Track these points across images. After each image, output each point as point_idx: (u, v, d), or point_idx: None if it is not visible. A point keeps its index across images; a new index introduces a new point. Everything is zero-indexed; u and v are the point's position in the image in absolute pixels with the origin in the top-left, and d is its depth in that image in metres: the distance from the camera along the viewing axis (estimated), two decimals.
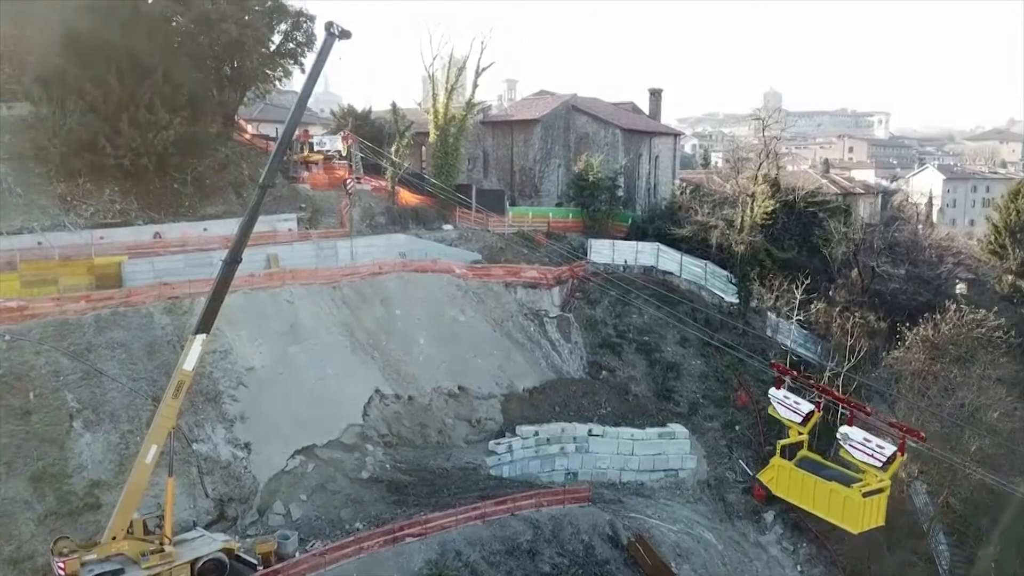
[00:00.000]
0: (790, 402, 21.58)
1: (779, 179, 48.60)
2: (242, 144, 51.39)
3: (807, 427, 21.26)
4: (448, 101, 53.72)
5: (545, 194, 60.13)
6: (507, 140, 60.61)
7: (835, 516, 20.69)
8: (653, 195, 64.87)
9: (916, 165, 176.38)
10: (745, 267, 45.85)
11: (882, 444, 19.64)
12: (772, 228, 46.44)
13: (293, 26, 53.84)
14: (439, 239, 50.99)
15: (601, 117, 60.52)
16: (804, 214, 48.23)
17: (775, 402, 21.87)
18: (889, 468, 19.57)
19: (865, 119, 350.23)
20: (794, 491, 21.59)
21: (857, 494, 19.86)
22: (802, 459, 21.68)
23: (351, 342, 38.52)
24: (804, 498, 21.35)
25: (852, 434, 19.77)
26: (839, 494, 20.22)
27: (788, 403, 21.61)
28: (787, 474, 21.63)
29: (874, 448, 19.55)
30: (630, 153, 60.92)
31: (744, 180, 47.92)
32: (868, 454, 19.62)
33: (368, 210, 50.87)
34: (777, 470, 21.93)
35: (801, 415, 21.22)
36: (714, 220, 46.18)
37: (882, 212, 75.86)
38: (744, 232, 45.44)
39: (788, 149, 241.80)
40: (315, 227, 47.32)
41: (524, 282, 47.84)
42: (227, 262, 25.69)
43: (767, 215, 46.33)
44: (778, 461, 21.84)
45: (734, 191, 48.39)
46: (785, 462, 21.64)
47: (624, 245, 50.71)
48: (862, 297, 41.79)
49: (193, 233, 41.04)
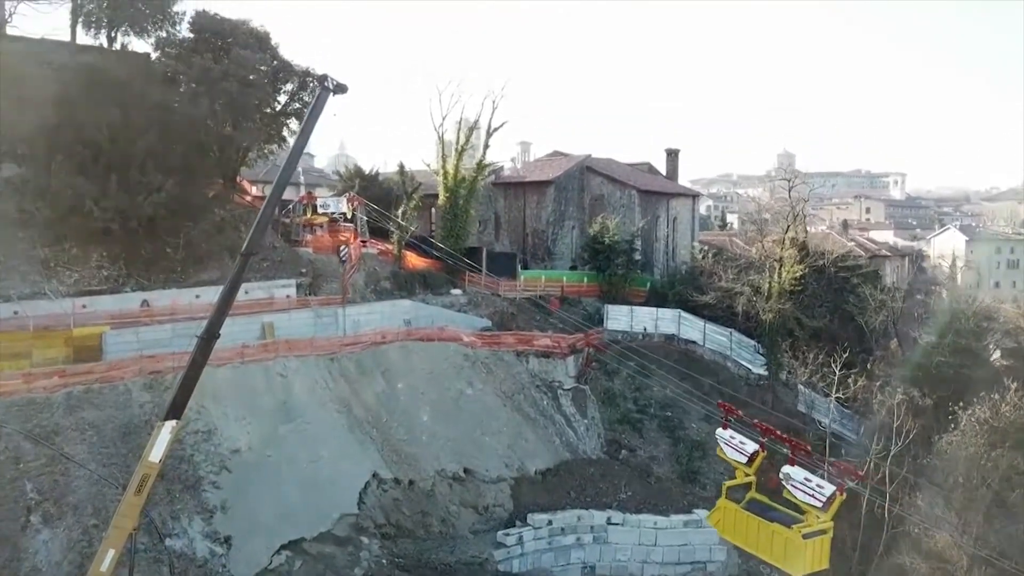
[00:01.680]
0: (735, 442, 21.62)
1: (807, 242, 45.74)
2: (243, 206, 49.35)
3: (753, 467, 21.22)
4: (458, 162, 51.78)
5: (558, 257, 57.59)
6: (519, 202, 58.45)
7: (778, 559, 20.55)
8: (672, 258, 62.23)
9: (937, 226, 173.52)
10: (774, 337, 42.70)
11: (822, 484, 19.62)
12: (801, 294, 43.45)
13: (299, 86, 52.43)
14: (447, 304, 48.34)
15: (616, 178, 58.36)
16: (835, 279, 45.26)
17: (721, 443, 21.96)
18: (830, 508, 19.24)
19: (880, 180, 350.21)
20: (739, 534, 21.54)
21: (797, 536, 19.55)
22: (751, 501, 21.61)
23: (348, 420, 35.45)
24: (749, 541, 21.24)
25: (794, 474, 19.83)
26: (781, 536, 20.13)
27: (734, 443, 21.66)
28: (732, 516, 21.58)
29: (814, 488, 19.58)
30: (647, 215, 58.50)
31: (770, 244, 45.15)
32: (809, 494, 19.64)
33: (373, 274, 48.39)
34: (723, 512, 21.82)
35: (746, 455, 21.28)
36: (739, 286, 43.27)
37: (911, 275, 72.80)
38: (772, 299, 42.46)
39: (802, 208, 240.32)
40: (316, 293, 44.78)
41: (537, 351, 44.92)
42: (203, 338, 23.01)
43: (796, 281, 43.40)
44: (724, 503, 21.72)
45: (759, 255, 45.59)
46: (731, 504, 21.52)
47: (643, 311, 47.77)
48: (903, 370, 38.55)
49: (183, 301, 38.52)
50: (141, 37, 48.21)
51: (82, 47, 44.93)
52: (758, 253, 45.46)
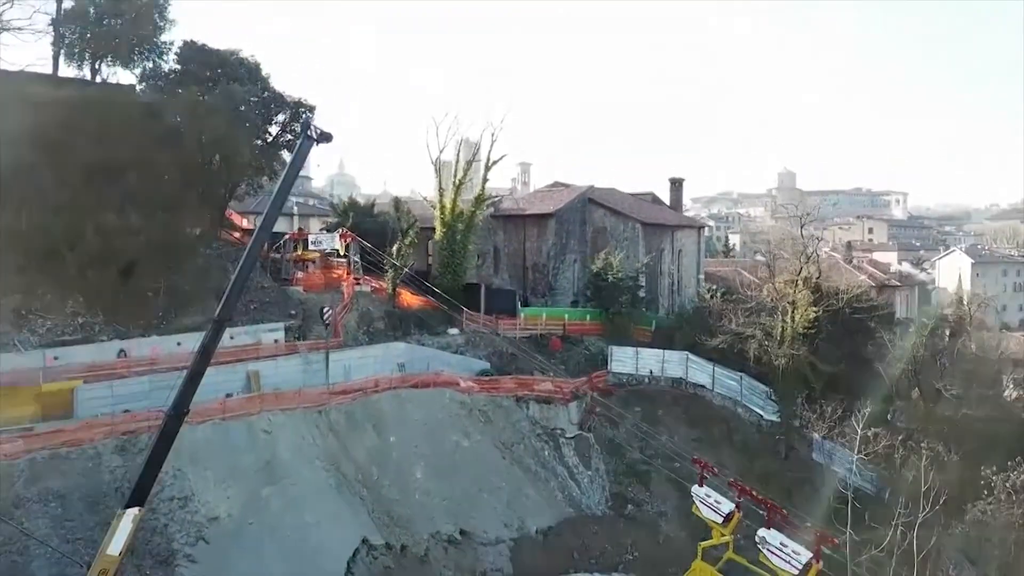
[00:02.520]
0: (711, 500, 21.20)
1: (820, 282, 43.66)
2: (231, 243, 47.43)
3: (729, 528, 20.76)
4: (456, 196, 49.85)
5: (560, 291, 55.51)
6: (519, 235, 56.45)
7: None
8: (678, 292, 60.21)
9: (942, 248, 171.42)
10: (787, 383, 40.54)
11: (798, 550, 19.23)
12: (815, 338, 41.31)
13: (291, 116, 50.76)
14: (443, 345, 46.25)
15: (619, 210, 56.40)
16: (850, 320, 43.11)
17: (697, 500, 21.50)
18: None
19: (881, 198, 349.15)
20: None
21: None
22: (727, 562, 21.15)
23: (337, 479, 33.20)
24: None
25: (770, 538, 19.41)
26: None
27: (709, 502, 21.25)
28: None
29: (790, 554, 19.23)
30: (651, 248, 56.47)
31: (782, 284, 43.07)
32: (785, 559, 19.26)
33: (366, 315, 46.34)
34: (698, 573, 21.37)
35: (722, 515, 20.91)
36: (750, 330, 41.17)
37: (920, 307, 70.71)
38: (785, 344, 40.34)
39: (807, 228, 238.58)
40: (306, 336, 42.69)
41: (537, 395, 42.79)
42: (170, 415, 20.90)
43: (809, 323, 41.30)
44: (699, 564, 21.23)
45: (770, 296, 43.52)
46: (706, 565, 21.12)
47: (649, 353, 45.62)
48: (927, 423, 36.34)
49: (164, 349, 36.37)
50: (127, 68, 46.67)
51: (63, 80, 43.17)
52: (769, 294, 43.40)
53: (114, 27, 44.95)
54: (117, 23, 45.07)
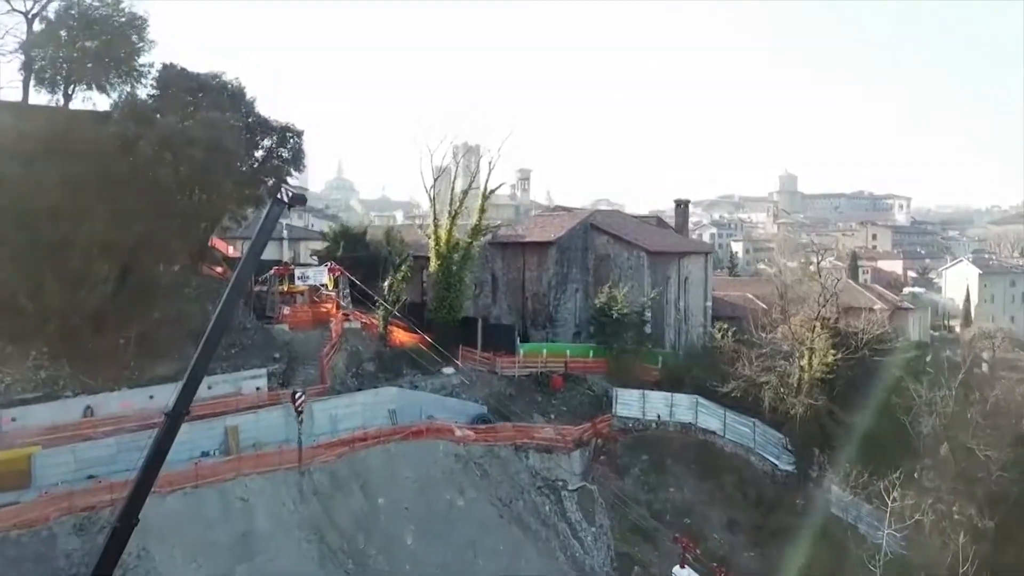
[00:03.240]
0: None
1: (839, 323, 40.99)
2: (214, 278, 44.81)
3: None
4: (452, 226, 47.19)
5: (561, 323, 52.84)
6: (518, 263, 53.77)
7: None
8: (684, 320, 57.56)
9: (948, 257, 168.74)
10: (805, 432, 37.91)
11: None
12: (834, 384, 38.70)
13: (278, 141, 48.24)
14: (438, 387, 43.60)
15: (624, 237, 53.74)
16: (870, 364, 40.44)
17: None
18: None
19: (883, 202, 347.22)
20: None
21: None
22: None
23: (319, 550, 30.59)
24: None
25: None
26: None
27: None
28: None
29: None
30: (657, 277, 53.83)
31: (798, 326, 40.40)
32: None
33: (355, 355, 43.70)
34: None
35: None
36: (765, 376, 38.52)
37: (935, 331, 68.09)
38: (802, 393, 37.71)
39: (809, 236, 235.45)
40: (291, 380, 40.06)
41: (538, 444, 40.19)
42: (116, 526, 18.27)
43: (828, 368, 38.68)
44: None
45: (786, 338, 40.87)
46: None
47: (656, 396, 42.96)
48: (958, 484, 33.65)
49: (136, 403, 33.81)
50: (103, 93, 43.98)
51: (31, 108, 40.50)
52: (784, 336, 40.75)
53: (88, 50, 42.34)
54: (91, 45, 42.46)
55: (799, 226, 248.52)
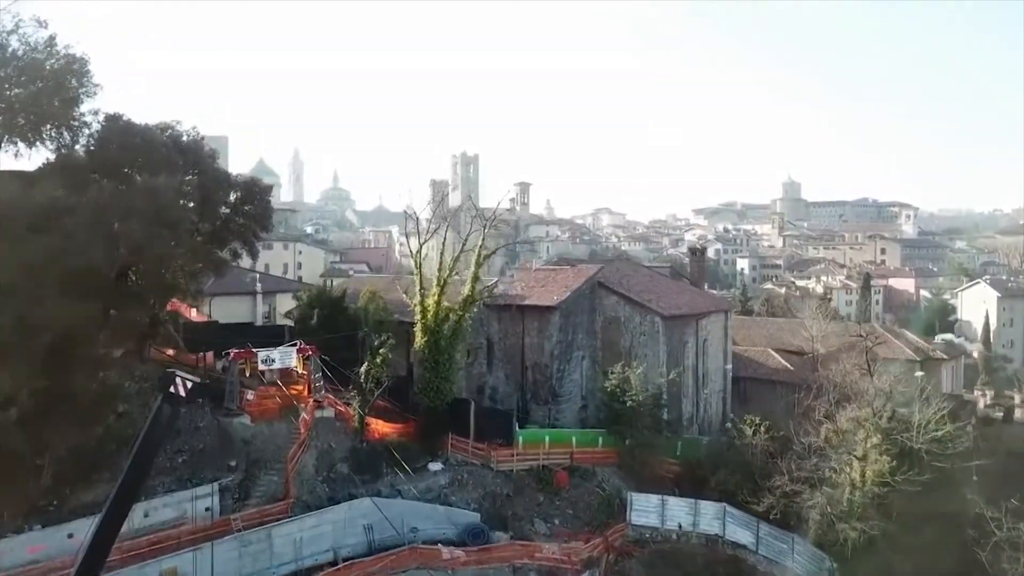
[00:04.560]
0: None
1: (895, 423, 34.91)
2: (163, 362, 38.83)
3: None
4: (440, 296, 41.18)
5: (565, 397, 46.83)
6: (517, 328, 47.76)
7: None
8: (702, 386, 51.64)
9: (964, 279, 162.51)
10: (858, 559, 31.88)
11: None
12: (892, 502, 32.74)
13: (244, 197, 42.42)
14: (423, 490, 37.71)
15: (636, 299, 47.74)
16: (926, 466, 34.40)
17: None
18: None
19: (888, 209, 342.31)
20: None
21: None
22: None
23: None
24: None
25: None
26: None
27: None
28: None
29: None
30: (673, 342, 47.94)
31: (846, 423, 34.38)
32: None
33: (327, 454, 37.67)
34: None
35: None
36: (807, 495, 32.48)
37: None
38: (854, 517, 31.75)
39: (817, 249, 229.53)
40: (250, 493, 34.11)
41: (540, 565, 34.25)
42: None
43: (883, 479, 32.70)
44: None
45: (830, 436, 34.90)
46: None
47: (677, 503, 37.02)
48: None
49: (51, 544, 27.78)
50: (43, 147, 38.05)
51: None
52: (828, 436, 34.81)
53: (16, 98, 36.43)
54: (20, 93, 36.55)
55: (805, 238, 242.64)
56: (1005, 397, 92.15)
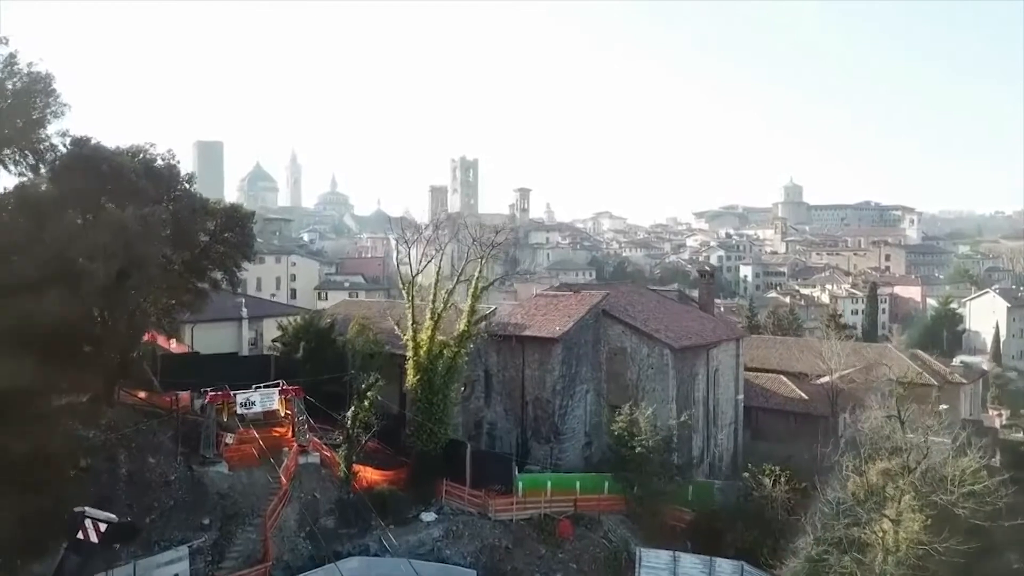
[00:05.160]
0: None
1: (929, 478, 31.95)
2: (135, 407, 36.00)
3: None
4: (434, 331, 38.33)
5: (568, 434, 43.95)
6: (517, 359, 44.86)
7: None
8: (713, 421, 48.80)
9: (974, 289, 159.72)
10: None
11: None
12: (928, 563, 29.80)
13: (224, 224, 39.65)
14: (415, 544, 34.88)
15: (643, 329, 44.88)
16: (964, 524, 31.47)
17: None
18: None
19: (890, 213, 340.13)
20: None
21: None
22: None
23: None
24: None
25: None
26: None
27: None
28: None
29: None
30: (683, 375, 45.09)
31: (876, 478, 31.43)
32: None
33: (311, 506, 34.75)
34: None
35: None
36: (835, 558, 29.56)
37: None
38: None
39: (820, 255, 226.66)
40: (225, 553, 31.19)
41: None
42: None
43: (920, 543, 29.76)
44: None
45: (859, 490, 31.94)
46: None
47: (691, 561, 34.06)
48: None
49: None
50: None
51: None
52: (856, 489, 31.90)
53: None
54: None
55: (808, 244, 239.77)
56: (1021, 417, 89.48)
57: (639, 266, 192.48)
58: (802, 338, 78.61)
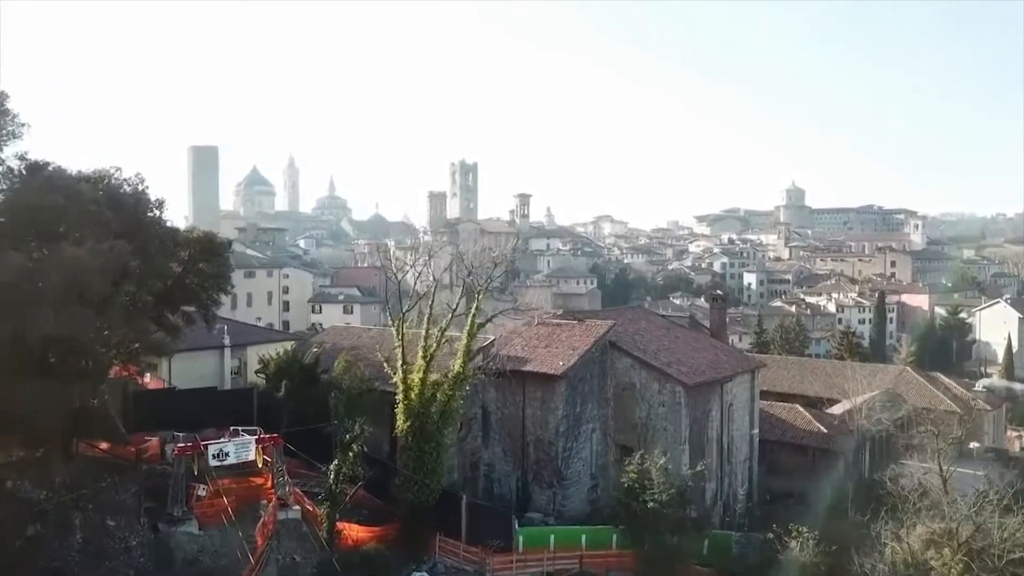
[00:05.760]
0: None
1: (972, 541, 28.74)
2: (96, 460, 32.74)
3: None
4: (427, 372, 35.06)
5: (573, 479, 40.70)
6: (517, 396, 41.60)
7: None
8: (728, 459, 45.55)
9: (983, 298, 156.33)
10: None
11: None
12: None
13: (198, 252, 36.53)
14: None
15: (653, 364, 41.63)
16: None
17: None
18: None
19: (893, 217, 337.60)
20: None
21: None
22: None
23: None
24: None
25: None
26: None
27: None
28: None
29: None
30: (696, 412, 41.88)
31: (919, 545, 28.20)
32: None
33: (289, 570, 31.49)
34: None
35: None
36: None
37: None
38: None
39: (824, 261, 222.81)
40: None
41: None
42: None
43: None
44: None
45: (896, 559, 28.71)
46: None
47: None
48: None
49: None
50: None
51: None
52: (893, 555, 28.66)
53: None
54: None
55: (812, 249, 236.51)
56: None
57: (641, 273, 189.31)
58: (814, 359, 75.33)
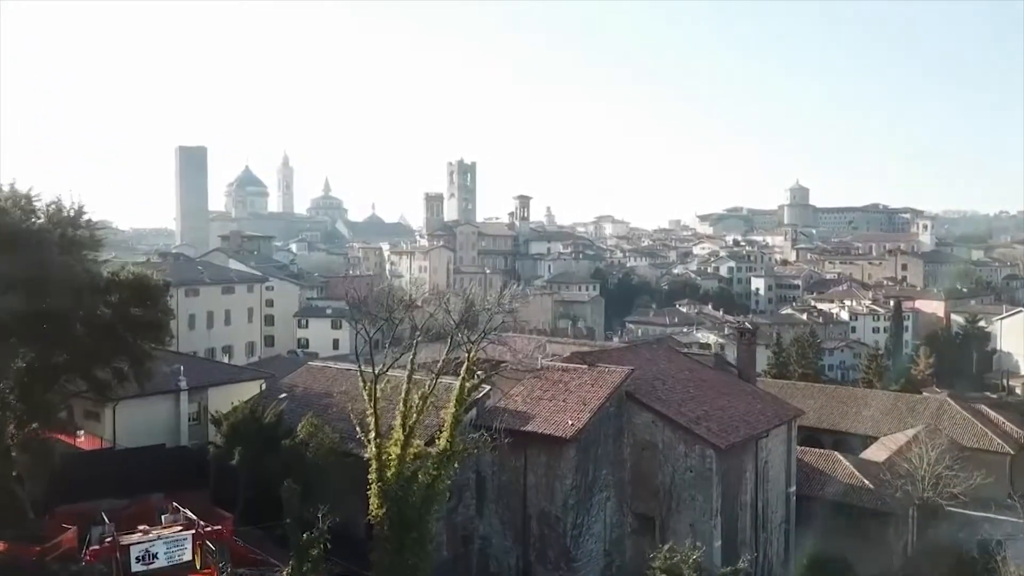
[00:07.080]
0: None
1: None
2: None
3: None
4: (405, 447, 28.52)
5: (584, 560, 34.28)
6: (518, 458, 35.12)
7: None
8: (763, 526, 39.16)
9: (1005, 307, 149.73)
10: None
11: None
12: None
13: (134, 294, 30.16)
14: None
15: (680, 422, 35.17)
16: None
17: None
18: None
19: (899, 216, 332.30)
20: None
21: None
22: None
23: None
24: None
25: None
26: None
27: None
28: None
29: None
30: (730, 477, 35.49)
31: None
32: None
33: None
34: None
35: None
36: None
37: None
38: None
39: (833, 264, 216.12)
40: None
41: None
42: None
43: None
44: None
45: None
46: None
47: None
48: None
49: None
50: None
51: None
52: None
53: None
54: None
55: (820, 252, 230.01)
56: None
57: (645, 278, 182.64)
58: (842, 387, 68.95)
